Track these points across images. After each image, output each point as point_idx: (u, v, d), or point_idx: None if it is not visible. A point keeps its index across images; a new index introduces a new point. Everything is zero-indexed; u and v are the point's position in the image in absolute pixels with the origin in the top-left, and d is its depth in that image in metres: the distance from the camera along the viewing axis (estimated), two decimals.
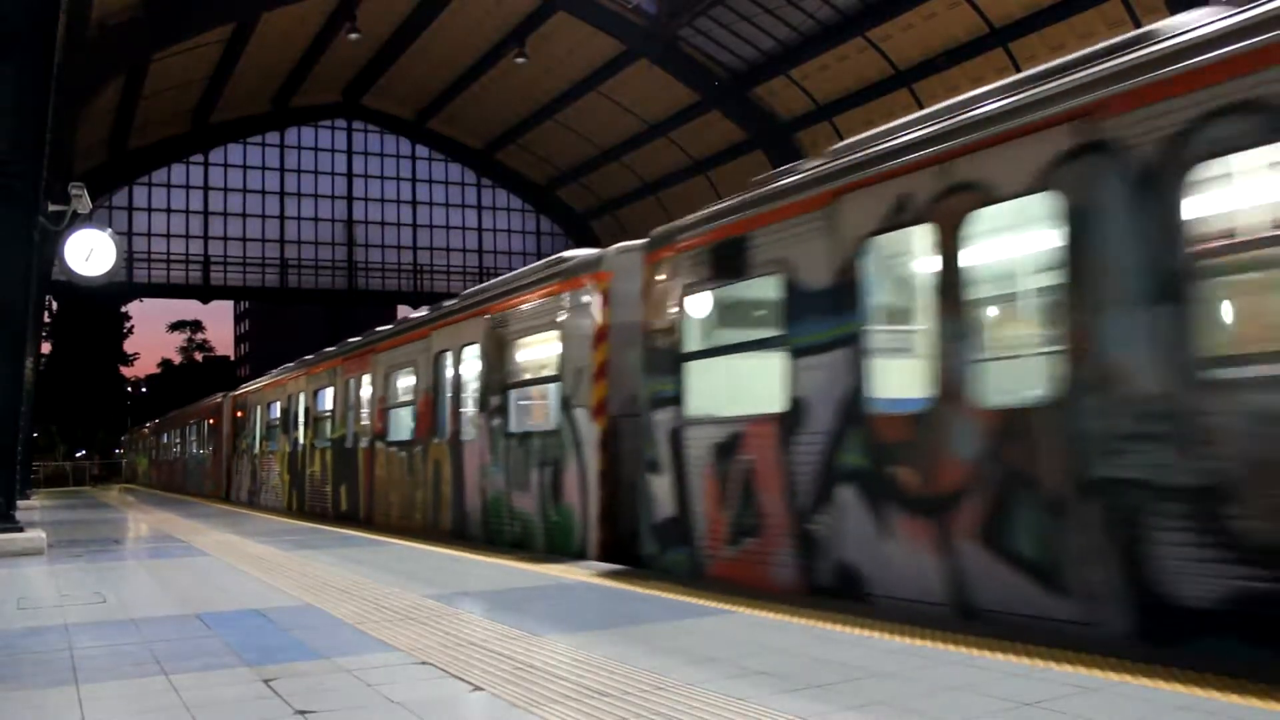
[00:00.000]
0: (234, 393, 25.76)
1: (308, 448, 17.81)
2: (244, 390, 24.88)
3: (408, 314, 15.97)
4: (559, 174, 40.28)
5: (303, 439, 18.17)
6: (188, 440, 32.24)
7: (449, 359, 11.68)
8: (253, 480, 22.18)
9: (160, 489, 35.64)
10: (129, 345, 70.26)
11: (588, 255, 9.22)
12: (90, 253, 11.86)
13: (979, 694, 3.46)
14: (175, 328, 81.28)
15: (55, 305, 54.49)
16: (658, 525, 7.62)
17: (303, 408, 18.21)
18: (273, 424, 20.65)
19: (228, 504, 22.58)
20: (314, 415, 17.57)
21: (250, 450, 22.72)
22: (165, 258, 36.76)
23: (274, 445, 20.45)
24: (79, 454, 63.91)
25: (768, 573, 6.45)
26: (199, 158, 37.61)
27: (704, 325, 7.51)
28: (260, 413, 21.77)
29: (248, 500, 22.31)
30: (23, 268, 9.41)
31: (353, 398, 15.40)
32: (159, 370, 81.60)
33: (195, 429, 30.66)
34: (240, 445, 23.97)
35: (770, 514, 6.44)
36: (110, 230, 12.66)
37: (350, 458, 15.24)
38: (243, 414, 23.87)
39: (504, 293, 10.54)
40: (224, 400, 26.26)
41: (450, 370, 11.65)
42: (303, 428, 18.23)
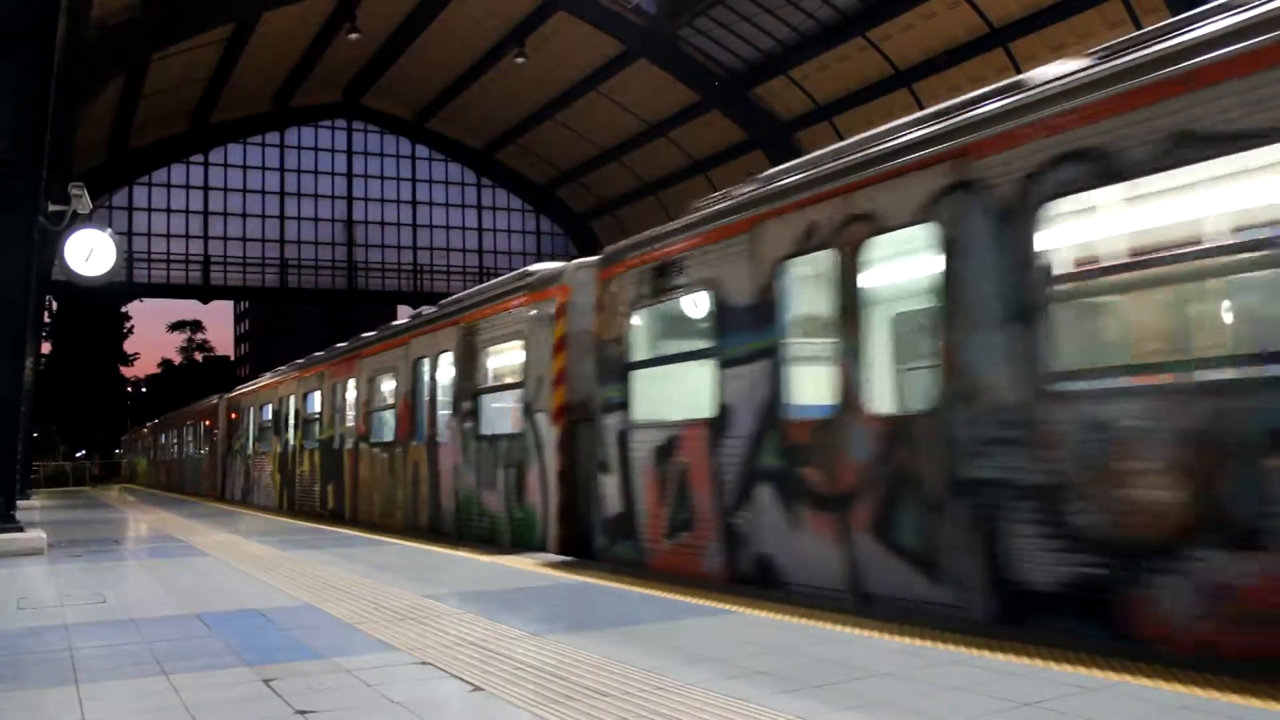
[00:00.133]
0: (229, 395, 26.21)
1: (297, 448, 18.31)
2: (238, 392, 25.35)
3: (409, 314, 16.17)
4: (559, 174, 40.29)
5: (293, 440, 18.66)
6: (184, 441, 32.65)
7: (426, 365, 12.26)
8: (246, 480, 22.61)
9: (159, 489, 35.72)
10: (129, 345, 70.28)
11: (549, 270, 9.82)
12: (90, 253, 11.84)
13: (979, 694, 3.47)
14: (175, 328, 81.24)
15: (55, 305, 54.48)
16: (607, 520, 8.18)
17: (293, 410, 18.70)
18: (265, 425, 21.20)
19: (223, 503, 22.80)
20: (303, 417, 18.08)
21: (244, 451, 23.19)
22: (165, 258, 36.79)
23: (266, 446, 20.95)
24: (79, 454, 63.91)
25: (699, 563, 7.03)
26: (199, 158, 37.64)
27: (647, 337, 8.09)
28: (253, 414, 22.32)
29: (241, 499, 22.68)
30: (23, 268, 9.41)
31: (339, 401, 15.92)
32: (159, 370, 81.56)
33: (192, 430, 31.13)
34: (234, 446, 24.40)
35: (701, 510, 7.03)
36: (110, 230, 12.64)
37: (337, 458, 15.78)
38: (236, 415, 24.30)
39: (474, 304, 11.17)
40: (219, 402, 26.64)
41: (427, 376, 12.23)
42: (293, 429, 18.70)
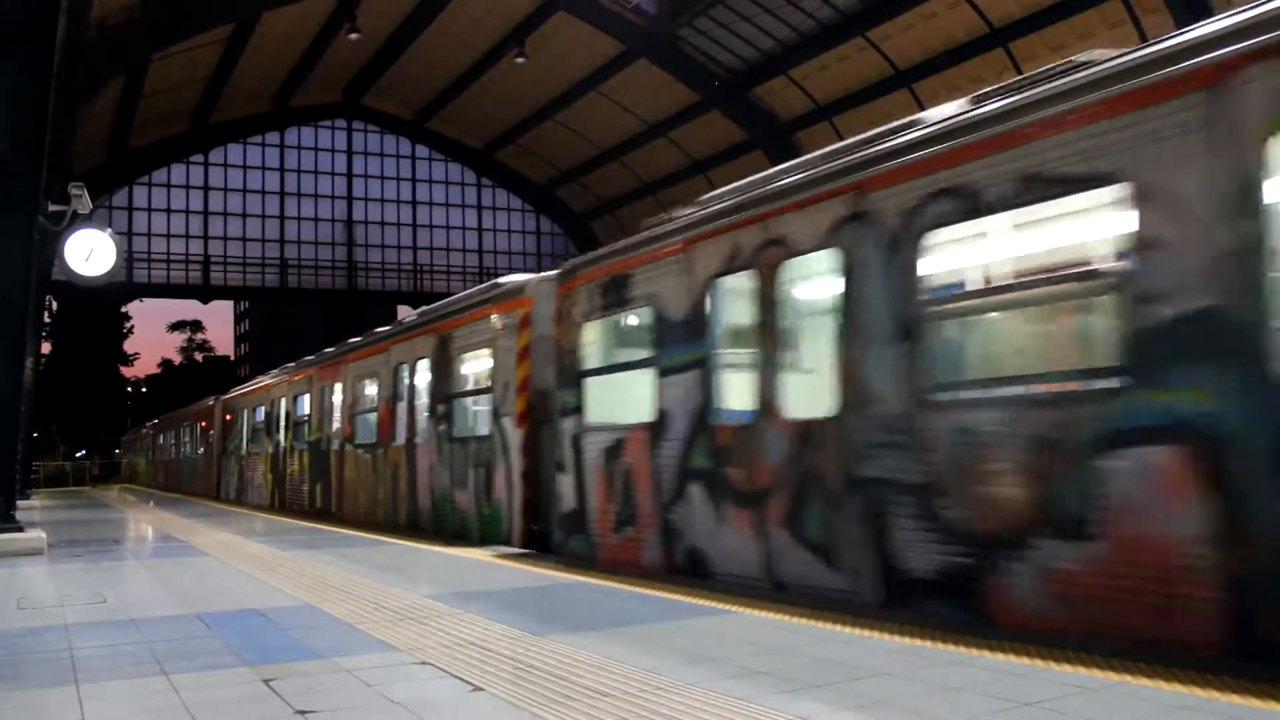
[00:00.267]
0: (224, 397, 26.74)
1: (288, 449, 18.89)
2: (232, 394, 25.94)
3: (408, 314, 16.41)
4: (559, 174, 40.28)
5: (284, 441, 19.26)
6: (181, 441, 33.17)
7: (405, 371, 12.90)
8: (240, 479, 23.21)
9: (157, 488, 35.97)
10: (129, 345, 70.22)
11: (515, 283, 10.45)
12: (90, 253, 11.83)
13: (979, 694, 3.47)
14: (175, 328, 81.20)
15: (55, 305, 54.46)
16: (563, 516, 8.79)
17: (284, 412, 19.31)
18: (257, 427, 21.85)
19: (218, 502, 23.23)
20: (294, 419, 18.67)
21: (238, 451, 23.74)
22: (165, 258, 36.78)
23: (259, 447, 21.55)
24: (79, 454, 63.89)
25: (641, 556, 7.65)
26: (199, 158, 37.63)
27: (599, 346, 8.72)
28: (247, 416, 22.91)
29: (236, 498, 23.21)
30: (23, 268, 9.41)
31: (326, 404, 16.55)
32: (159, 370, 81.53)
33: (189, 431, 31.68)
34: (229, 446, 24.95)
35: (642, 507, 7.66)
36: (110, 230, 12.62)
37: (324, 459, 16.42)
38: (231, 417, 24.86)
39: (448, 313, 11.84)
40: (214, 403, 27.16)
41: (406, 381, 12.85)
42: (284, 431, 19.31)
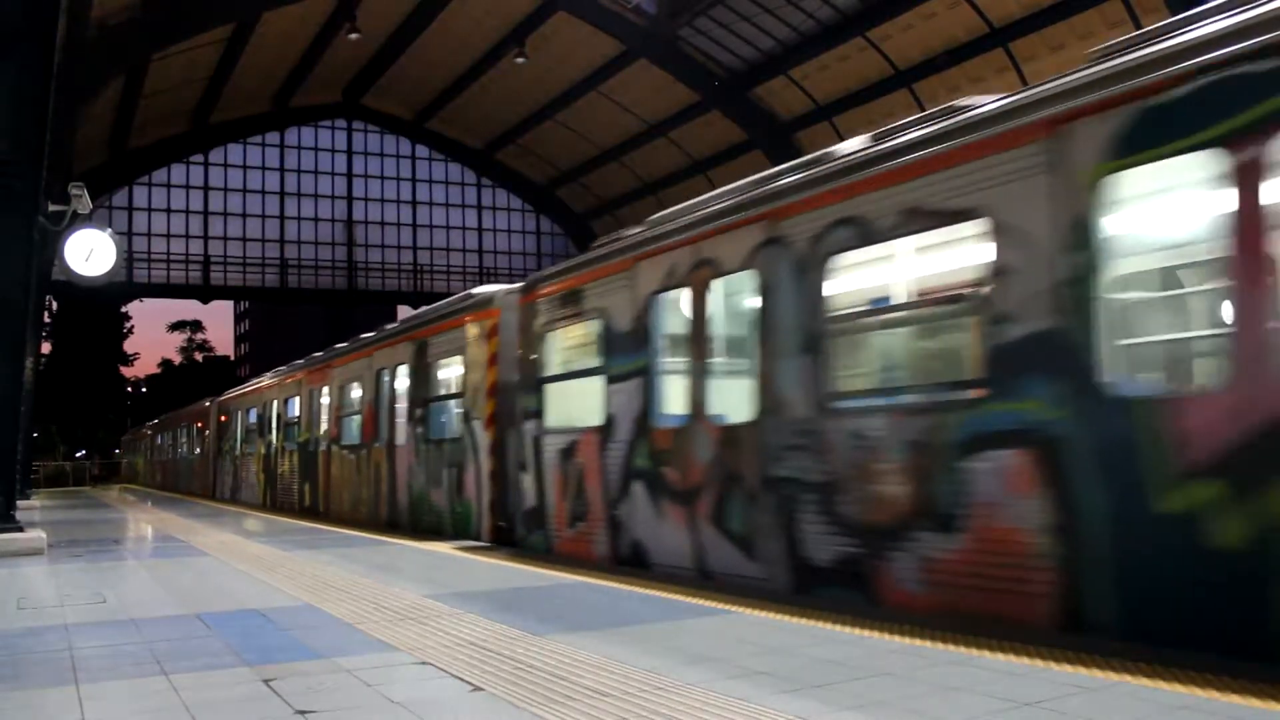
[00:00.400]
0: (219, 398, 27.48)
1: (279, 450, 19.62)
2: (227, 396, 26.71)
3: (408, 314, 16.74)
4: (559, 174, 40.27)
5: (275, 442, 19.98)
6: (179, 442, 33.79)
7: (386, 376, 13.55)
8: (234, 479, 24.07)
9: (157, 488, 36.23)
10: (129, 345, 70.20)
11: (485, 294, 11.06)
12: (90, 253, 11.82)
13: (979, 694, 3.47)
14: (175, 328, 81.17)
15: (55, 305, 54.45)
16: (525, 513, 9.58)
17: (275, 414, 20.03)
18: (251, 428, 22.73)
19: (213, 501, 23.72)
20: (284, 421, 19.36)
21: (232, 451, 24.71)
22: (165, 258, 36.79)
23: (252, 447, 22.42)
24: (79, 454, 63.88)
25: (591, 548, 8.37)
26: (199, 158, 37.63)
27: (556, 355, 9.44)
28: (241, 417, 23.89)
29: (230, 497, 23.89)
30: (23, 268, 9.41)
31: (315, 406, 17.27)
32: (159, 370, 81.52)
33: (185, 432, 32.36)
34: (224, 447, 25.71)
35: (592, 503, 8.38)
36: (110, 230, 12.61)
37: (312, 459, 17.14)
38: (226, 418, 25.61)
39: (425, 322, 12.49)
40: (210, 405, 27.83)
41: (387, 386, 13.51)
42: (275, 432, 20.05)
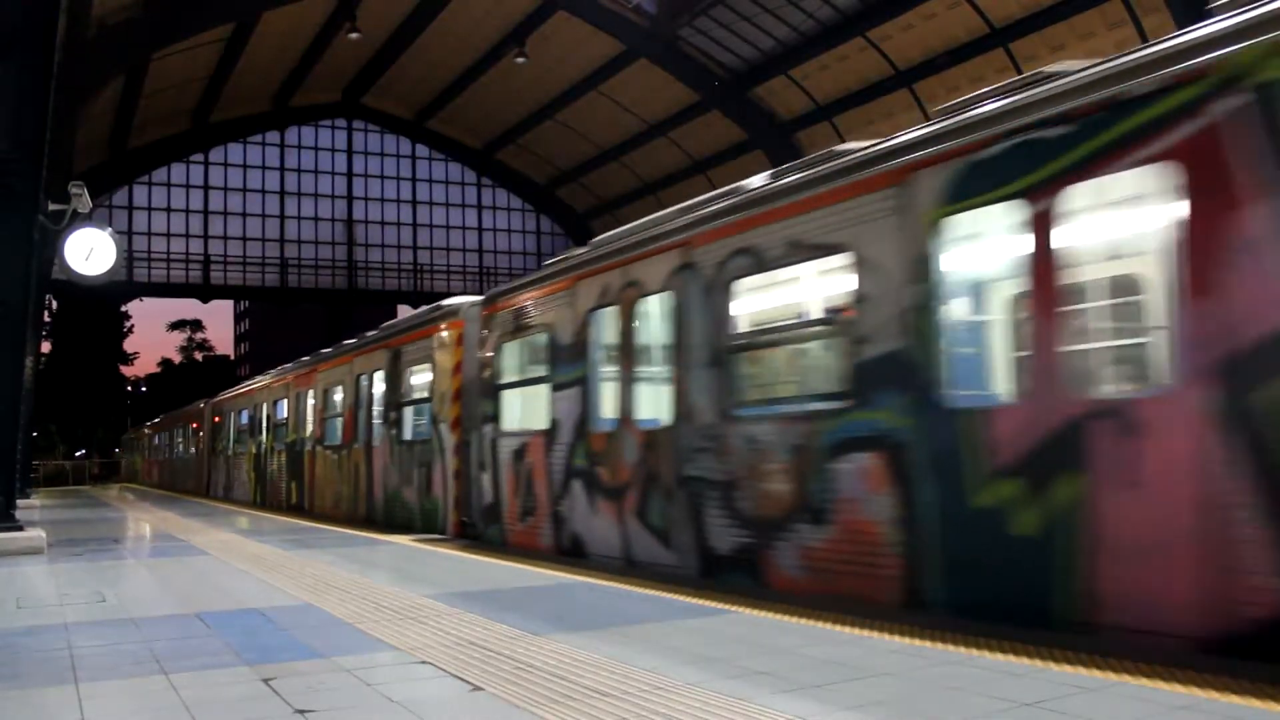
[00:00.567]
0: (213, 400, 28.34)
1: (269, 449, 20.41)
2: (220, 398, 27.49)
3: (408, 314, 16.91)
4: (559, 174, 40.27)
5: (265, 442, 20.79)
6: (175, 442, 34.55)
7: (365, 380, 14.42)
8: (227, 477, 24.89)
9: (155, 487, 36.44)
10: (129, 344, 70.23)
11: (451, 305, 11.93)
12: (90, 252, 11.81)
13: (979, 694, 3.46)
14: (175, 327, 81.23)
15: (55, 304, 54.47)
16: (483, 509, 10.53)
17: (265, 415, 20.87)
18: (242, 429, 23.53)
19: (207, 499, 24.35)
20: (273, 422, 20.19)
21: (225, 451, 25.48)
22: (165, 257, 36.80)
23: (243, 447, 23.23)
24: (79, 453, 63.87)
25: (538, 541, 9.29)
26: (199, 157, 37.63)
27: (509, 364, 10.31)
28: (233, 418, 24.70)
29: (223, 495, 24.60)
30: (23, 267, 9.41)
31: (301, 408, 18.10)
32: (159, 370, 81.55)
33: (182, 432, 33.17)
34: (217, 447, 26.46)
35: (540, 500, 9.31)
36: (110, 229, 12.59)
37: (299, 459, 17.96)
38: (219, 419, 26.40)
39: (399, 331, 13.41)
40: (205, 406, 28.69)
41: (366, 390, 14.39)
42: (265, 433, 20.86)
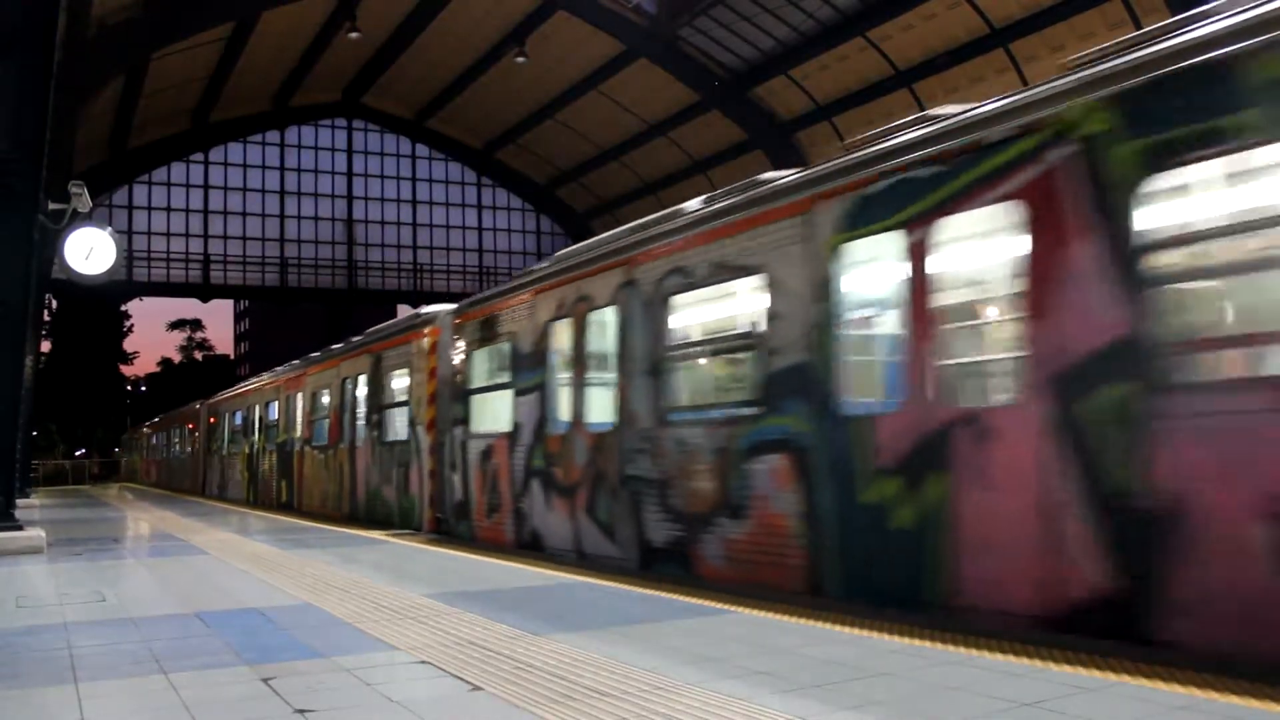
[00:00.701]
0: (208, 401, 29.05)
1: (261, 449, 21.06)
2: (215, 400, 28.17)
3: (408, 313, 17.11)
4: (559, 174, 40.25)
5: (257, 442, 21.46)
6: (172, 442, 35.15)
7: (350, 384, 15.12)
8: (221, 477, 25.60)
9: (153, 486, 36.67)
10: (128, 344, 70.26)
11: (428, 313, 12.52)
12: (90, 251, 11.81)
13: (979, 694, 3.46)
14: (175, 326, 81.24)
15: (55, 304, 54.47)
16: (454, 506, 11.23)
17: (257, 416, 21.52)
18: (236, 430, 24.20)
19: (203, 498, 25.01)
20: (265, 423, 20.81)
21: (220, 451, 26.21)
22: (165, 256, 36.77)
23: (237, 447, 23.90)
24: (78, 453, 63.86)
25: (503, 535, 9.97)
26: (199, 156, 37.60)
27: (478, 371, 10.92)
28: (227, 420, 25.33)
29: (218, 494, 25.18)
30: (23, 266, 9.41)
31: (291, 410, 18.76)
32: (159, 369, 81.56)
33: (178, 432, 33.83)
34: (212, 447, 27.17)
35: (503, 497, 10.00)
36: (110, 229, 12.59)
37: (289, 458, 18.59)
38: (214, 420, 27.05)
39: (381, 337, 14.05)
40: (200, 408, 29.36)
41: (350, 393, 15.10)
42: (257, 433, 21.54)
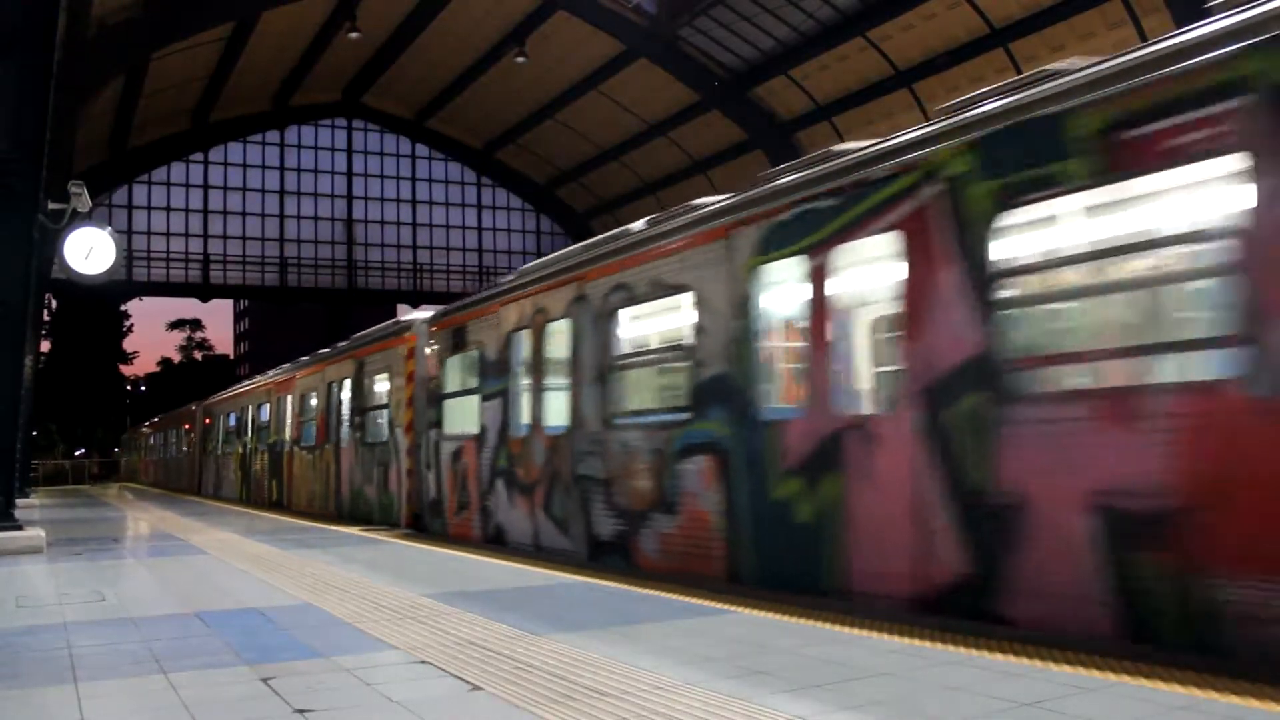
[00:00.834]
0: (204, 403, 29.60)
1: (253, 450, 21.81)
2: (210, 401, 28.72)
3: (407, 313, 17.23)
4: (559, 174, 40.24)
5: (250, 443, 22.21)
6: (169, 442, 35.81)
7: (335, 388, 15.85)
8: (216, 476, 26.31)
9: (153, 486, 36.91)
10: (128, 344, 70.33)
11: (406, 321, 13.20)
12: (90, 251, 11.81)
13: (979, 694, 3.46)
14: (175, 326, 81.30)
15: (55, 304, 54.47)
16: (429, 504, 11.95)
17: (250, 418, 22.24)
18: (230, 431, 24.88)
19: (199, 497, 25.53)
20: (257, 425, 21.60)
21: (215, 451, 26.92)
22: (165, 256, 36.75)
23: (231, 448, 24.55)
24: (78, 453, 63.85)
25: (471, 532, 10.69)
26: (199, 156, 37.57)
27: (450, 377, 11.59)
28: (222, 421, 26.02)
29: (213, 493, 25.76)
30: (23, 266, 9.41)
31: (281, 412, 19.43)
32: (159, 369, 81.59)
33: (175, 433, 34.54)
34: (208, 447, 27.75)
35: (472, 496, 10.67)
36: (110, 228, 12.60)
37: (279, 458, 19.28)
38: (210, 421, 27.62)
39: (364, 343, 14.84)
40: (196, 409, 30.02)
41: (335, 396, 15.82)
42: (250, 434, 22.25)
